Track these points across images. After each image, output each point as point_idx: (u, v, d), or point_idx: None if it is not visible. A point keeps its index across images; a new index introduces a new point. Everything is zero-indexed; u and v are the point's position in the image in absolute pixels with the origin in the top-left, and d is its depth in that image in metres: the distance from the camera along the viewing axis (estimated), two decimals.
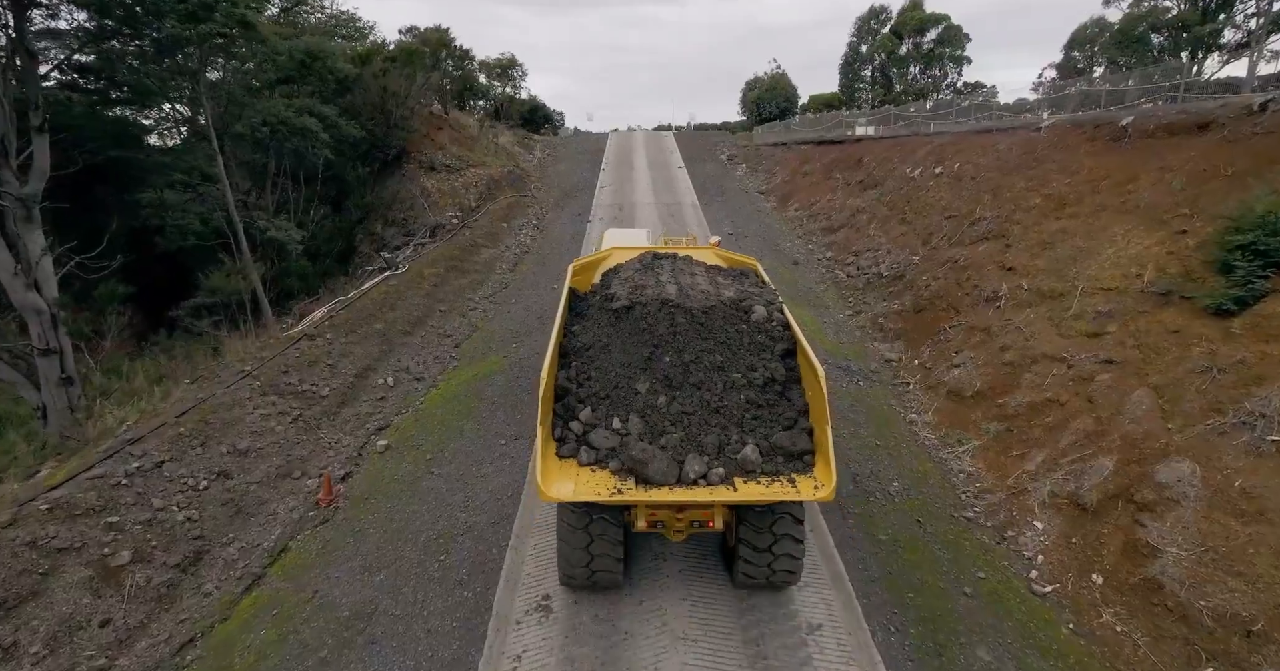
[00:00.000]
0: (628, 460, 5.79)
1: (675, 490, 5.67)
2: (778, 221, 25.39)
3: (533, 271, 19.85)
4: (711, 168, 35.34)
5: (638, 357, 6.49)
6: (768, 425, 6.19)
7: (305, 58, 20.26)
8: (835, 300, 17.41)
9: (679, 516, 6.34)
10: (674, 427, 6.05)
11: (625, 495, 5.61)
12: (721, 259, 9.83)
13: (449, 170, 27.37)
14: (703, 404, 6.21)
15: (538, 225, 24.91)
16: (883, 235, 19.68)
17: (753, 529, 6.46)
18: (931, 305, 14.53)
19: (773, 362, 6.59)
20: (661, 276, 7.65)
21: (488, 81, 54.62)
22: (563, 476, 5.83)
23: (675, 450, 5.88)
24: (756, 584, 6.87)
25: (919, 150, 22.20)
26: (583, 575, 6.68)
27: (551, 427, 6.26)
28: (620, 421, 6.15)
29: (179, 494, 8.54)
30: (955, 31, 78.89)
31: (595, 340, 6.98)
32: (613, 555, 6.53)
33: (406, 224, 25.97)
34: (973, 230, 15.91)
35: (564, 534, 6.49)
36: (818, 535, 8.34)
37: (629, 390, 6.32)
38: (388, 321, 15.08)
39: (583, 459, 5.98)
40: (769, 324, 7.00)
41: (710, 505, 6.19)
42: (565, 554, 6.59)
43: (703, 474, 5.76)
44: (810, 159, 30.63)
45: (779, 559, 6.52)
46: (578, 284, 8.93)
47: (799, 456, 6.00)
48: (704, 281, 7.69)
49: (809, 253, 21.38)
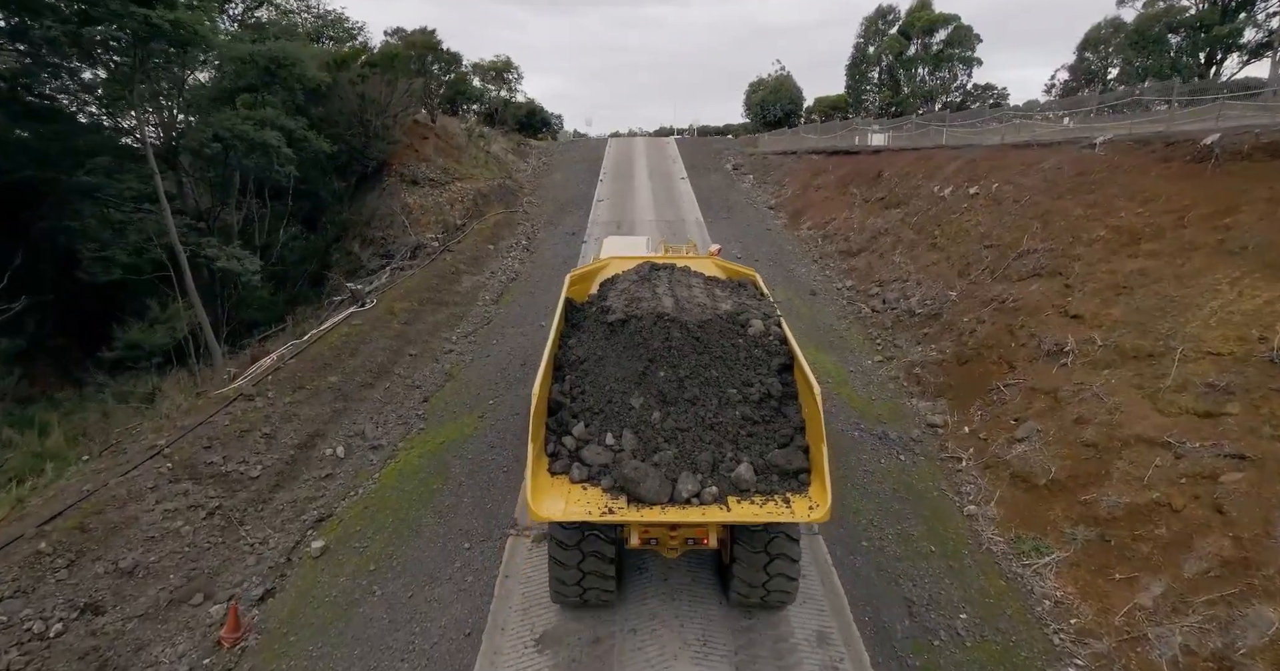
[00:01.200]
0: (620, 478, 5.73)
1: (668, 510, 5.60)
2: (790, 242, 23.29)
3: (519, 303, 17.76)
4: (716, 178, 33.26)
5: (632, 372, 6.40)
6: (763, 442, 6.11)
7: (269, 64, 18.21)
8: (861, 341, 15.29)
9: (673, 534, 6.23)
10: (668, 444, 5.96)
11: (617, 515, 5.56)
12: (721, 269, 9.60)
13: (433, 184, 25.31)
14: (697, 420, 6.12)
15: (528, 246, 22.82)
16: (910, 263, 17.57)
17: (747, 548, 6.35)
18: (979, 355, 12.41)
19: (769, 378, 6.53)
20: (658, 288, 7.55)
21: (482, 84, 52.66)
22: (554, 494, 5.75)
23: (669, 467, 5.78)
24: (752, 603, 6.80)
25: (947, 165, 20.09)
26: (574, 593, 6.61)
27: (544, 443, 6.21)
28: (613, 437, 6.06)
29: (14, 647, 6.42)
30: (965, 32, 76.81)
31: (590, 353, 6.90)
32: (605, 574, 6.47)
33: (385, 243, 23.93)
34: (1021, 264, 13.80)
35: (556, 552, 6.41)
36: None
37: (623, 405, 6.24)
38: (346, 371, 12.99)
39: (575, 476, 5.91)
40: (766, 338, 6.94)
41: (704, 524, 6.04)
42: (557, 572, 6.51)
43: (696, 493, 5.67)
44: (823, 171, 28.53)
45: (774, 578, 6.43)
46: (575, 294, 8.77)
47: (794, 475, 5.89)
48: (701, 293, 7.63)
49: (826, 280, 19.27)
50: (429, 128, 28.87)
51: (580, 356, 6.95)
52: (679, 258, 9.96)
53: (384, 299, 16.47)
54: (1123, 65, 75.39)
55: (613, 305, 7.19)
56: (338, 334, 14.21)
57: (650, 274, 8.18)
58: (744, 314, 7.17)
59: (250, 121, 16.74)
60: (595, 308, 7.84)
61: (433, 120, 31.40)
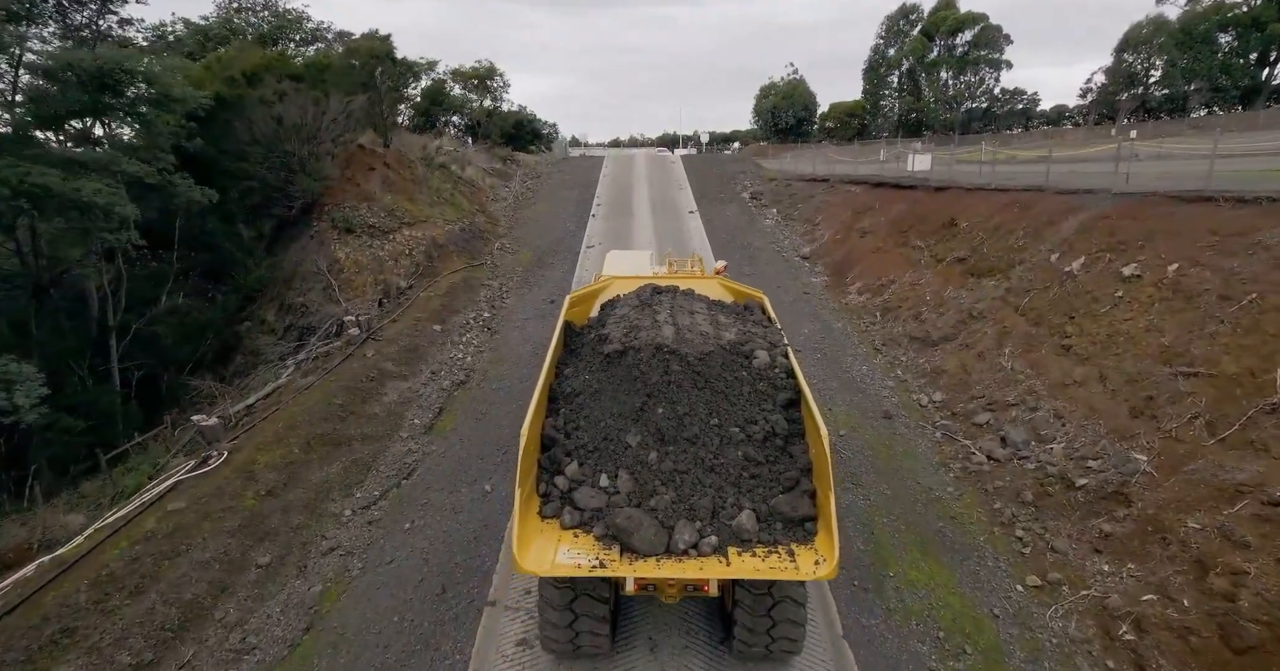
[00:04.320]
0: (612, 527, 5.33)
1: (663, 562, 5.15)
2: (836, 313, 17.65)
3: (462, 434, 12.17)
4: (732, 213, 27.61)
5: (629, 407, 6.07)
6: (766, 485, 5.71)
7: (99, 80, 12.61)
8: (988, 532, 9.60)
9: (671, 581, 5.65)
10: (665, 487, 5.59)
11: (609, 568, 5.11)
12: (727, 290, 9.36)
13: (374, 233, 19.74)
14: (697, 461, 5.74)
15: (490, 322, 17.22)
16: (1033, 373, 11.96)
17: (750, 595, 5.92)
18: (1256, 620, 6.76)
19: (774, 414, 6.12)
20: (659, 315, 7.17)
21: (463, 93, 47.18)
22: (543, 542, 5.31)
23: (665, 513, 5.38)
24: (756, 655, 6.39)
25: (1062, 221, 14.47)
26: (566, 646, 6.29)
27: (535, 483, 5.81)
28: (608, 479, 5.73)
29: None
30: (993, 32, 71.10)
31: (586, 386, 6.60)
32: (598, 631, 6.13)
33: (306, 313, 18.39)
34: (1275, 422, 8.21)
35: (544, 608, 6.11)
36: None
37: (619, 443, 5.91)
38: (111, 634, 7.38)
39: (566, 521, 5.50)
40: (772, 370, 6.52)
41: None
42: (546, 623, 6.17)
43: (693, 543, 5.25)
44: (866, 208, 22.89)
45: (779, 625, 6.02)
46: (574, 317, 8.54)
47: (800, 523, 5.44)
48: (704, 321, 7.26)
49: (900, 388, 13.63)
50: (377, 155, 23.29)
51: (576, 388, 6.68)
52: (682, 278, 9.90)
53: (251, 446, 10.88)
54: (1165, 67, 69.62)
55: (610, 333, 6.94)
56: (129, 539, 8.60)
57: (651, 298, 7.96)
58: (748, 344, 6.78)
59: (51, 175, 11.10)
60: (593, 335, 7.58)
61: (385, 144, 25.80)
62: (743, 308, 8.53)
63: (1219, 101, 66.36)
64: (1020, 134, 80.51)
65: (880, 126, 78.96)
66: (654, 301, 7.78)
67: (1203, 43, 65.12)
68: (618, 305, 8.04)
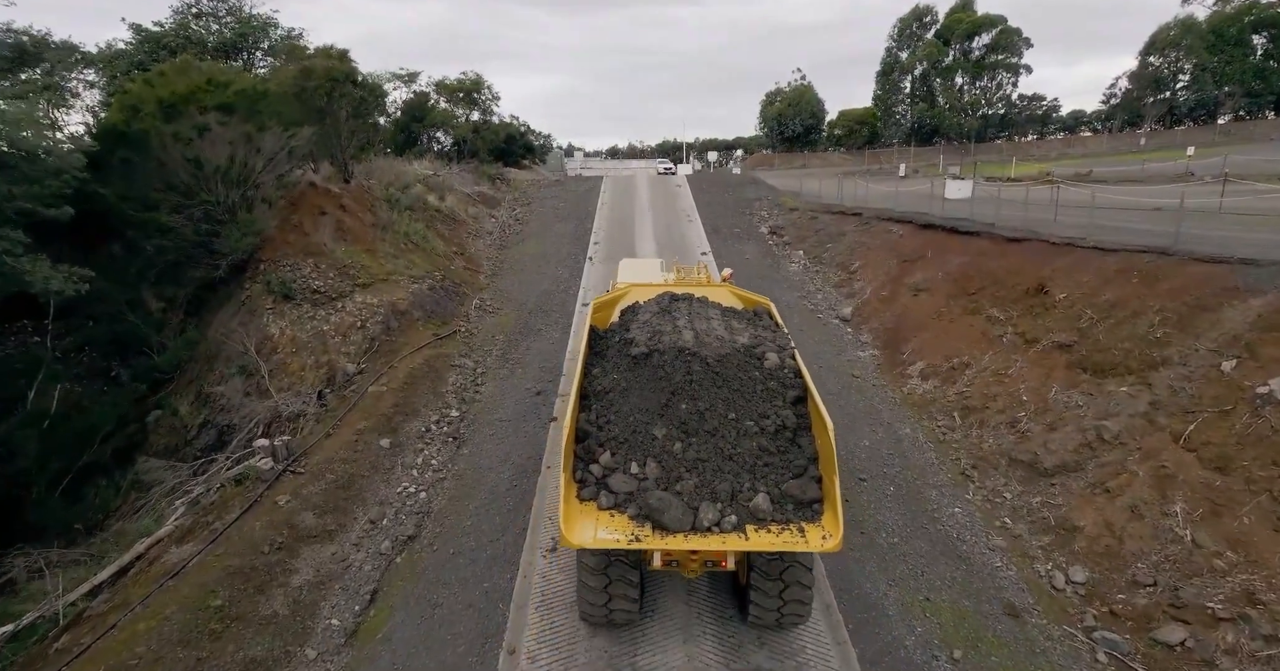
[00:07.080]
0: (645, 507, 6.01)
1: (690, 537, 5.88)
2: (898, 408, 13.85)
3: (407, 633, 8.28)
4: (751, 252, 23.84)
5: (655, 403, 6.73)
6: (779, 472, 6.36)
7: None
8: None
9: (693, 556, 6.61)
10: (689, 474, 6.26)
11: (643, 542, 5.86)
12: (736, 297, 10.07)
13: (319, 299, 15.94)
14: (717, 451, 6.42)
15: (459, 423, 13.41)
16: (1244, 562, 8.17)
17: (763, 574, 6.77)
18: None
19: (784, 410, 6.82)
20: (679, 321, 7.91)
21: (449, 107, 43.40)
22: (584, 521, 6.05)
23: (690, 496, 6.09)
24: (767, 624, 7.22)
25: (1222, 307, 10.74)
26: (601, 614, 7.09)
27: (573, 470, 6.46)
28: (638, 466, 6.39)
29: None
30: (1012, 36, 67.33)
31: (615, 384, 7.26)
32: (629, 596, 6.93)
33: (228, 410, 14.64)
34: None
35: (584, 576, 6.87)
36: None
37: (646, 435, 6.56)
38: None
39: (602, 503, 6.21)
40: (781, 370, 7.19)
41: (724, 551, 6.38)
42: (585, 594, 6.99)
43: (716, 521, 5.95)
44: (916, 255, 19.11)
45: (789, 604, 6.84)
46: (598, 321, 9.38)
47: (808, 505, 6.13)
48: (719, 326, 7.95)
49: (1016, 555, 9.75)
50: (332, 196, 19.47)
51: (605, 387, 7.33)
52: (694, 285, 10.95)
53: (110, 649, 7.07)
54: (1194, 70, 65.88)
55: (636, 337, 7.58)
56: None
57: (670, 305, 8.66)
58: (760, 347, 7.48)
59: None
60: (618, 338, 8.31)
61: (345, 180, 21.97)
62: (752, 313, 9.35)
63: (1254, 107, 62.73)
64: (1035, 141, 76.83)
65: (892, 134, 75.20)
66: (673, 308, 8.60)
67: (1235, 45, 61.53)
68: (639, 311, 8.83)
